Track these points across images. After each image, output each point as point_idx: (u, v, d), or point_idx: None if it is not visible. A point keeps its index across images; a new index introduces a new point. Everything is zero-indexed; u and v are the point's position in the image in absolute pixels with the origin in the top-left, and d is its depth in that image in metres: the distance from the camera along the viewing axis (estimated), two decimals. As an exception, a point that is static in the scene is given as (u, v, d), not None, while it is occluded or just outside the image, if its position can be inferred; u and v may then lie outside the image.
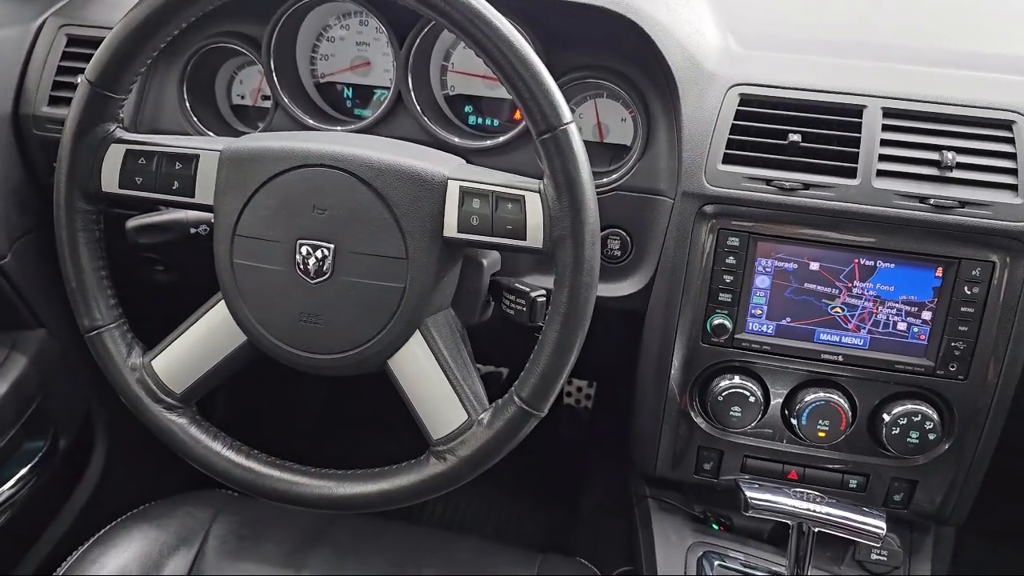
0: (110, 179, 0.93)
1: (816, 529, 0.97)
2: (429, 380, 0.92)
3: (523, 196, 0.85)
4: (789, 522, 0.98)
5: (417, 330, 0.91)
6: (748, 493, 0.99)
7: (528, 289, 0.96)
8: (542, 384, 0.87)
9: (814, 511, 0.96)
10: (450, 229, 0.88)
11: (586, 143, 1.17)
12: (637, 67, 1.10)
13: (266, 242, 0.91)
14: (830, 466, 1.13)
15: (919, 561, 1.18)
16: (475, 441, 0.90)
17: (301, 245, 0.90)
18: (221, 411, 1.83)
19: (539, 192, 0.85)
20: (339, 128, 1.16)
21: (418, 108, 1.13)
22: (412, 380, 0.92)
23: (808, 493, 0.99)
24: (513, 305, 0.97)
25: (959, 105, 1.02)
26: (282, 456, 0.98)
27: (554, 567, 1.17)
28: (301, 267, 0.90)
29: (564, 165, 0.82)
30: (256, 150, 0.91)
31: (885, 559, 1.16)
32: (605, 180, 1.10)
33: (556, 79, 1.09)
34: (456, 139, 1.13)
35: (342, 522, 1.24)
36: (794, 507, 0.96)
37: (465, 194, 0.87)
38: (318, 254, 0.89)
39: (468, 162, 0.98)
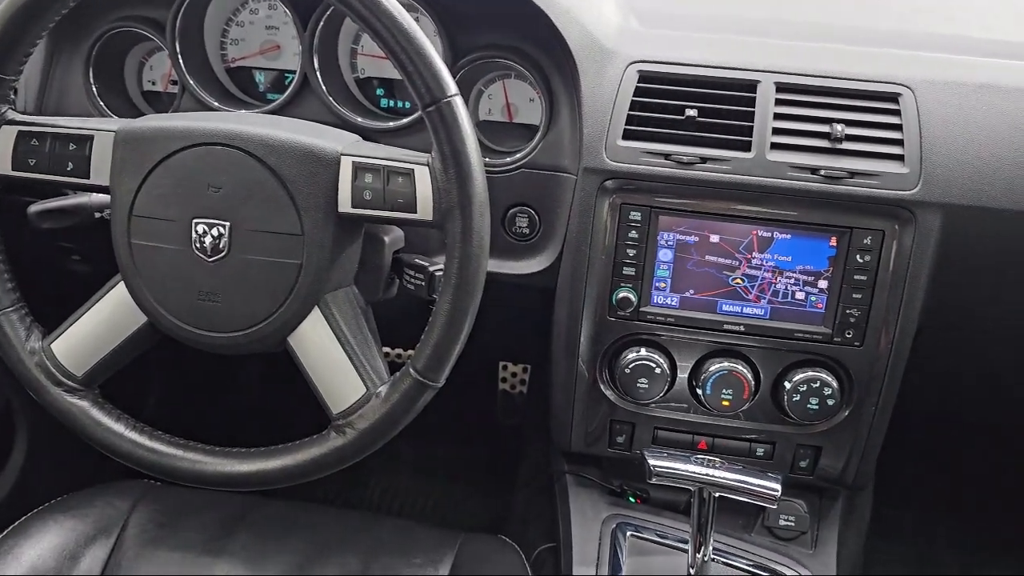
0: (2, 161, 0.93)
1: (716, 494, 1.00)
2: (329, 356, 0.93)
3: (412, 169, 0.86)
4: (691, 487, 1.00)
5: (316, 307, 0.92)
6: (651, 461, 1.01)
7: (427, 263, 0.97)
8: (436, 355, 0.88)
9: (712, 476, 0.98)
10: (344, 204, 0.89)
11: (496, 123, 1.21)
12: (538, 46, 1.11)
13: (162, 221, 0.91)
14: (737, 436, 1.16)
15: (827, 526, 1.22)
16: (373, 414, 0.91)
17: (197, 224, 0.90)
18: (153, 401, 1.81)
19: (427, 165, 0.86)
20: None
21: (324, 90, 1.13)
22: (312, 356, 0.93)
23: (710, 460, 1.01)
24: (413, 280, 0.98)
25: (848, 79, 1.05)
26: (211, 441, 0.98)
27: (474, 545, 1.18)
28: (198, 246, 0.90)
29: (449, 137, 0.83)
30: (151, 130, 0.91)
31: (793, 524, 1.19)
32: (509, 159, 1.12)
33: (458, 60, 1.12)
34: (360, 119, 1.13)
35: (263, 507, 1.24)
36: (693, 472, 0.98)
37: (358, 169, 0.88)
38: (214, 232, 0.90)
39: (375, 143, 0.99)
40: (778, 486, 0.97)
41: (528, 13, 1.07)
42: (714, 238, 1.07)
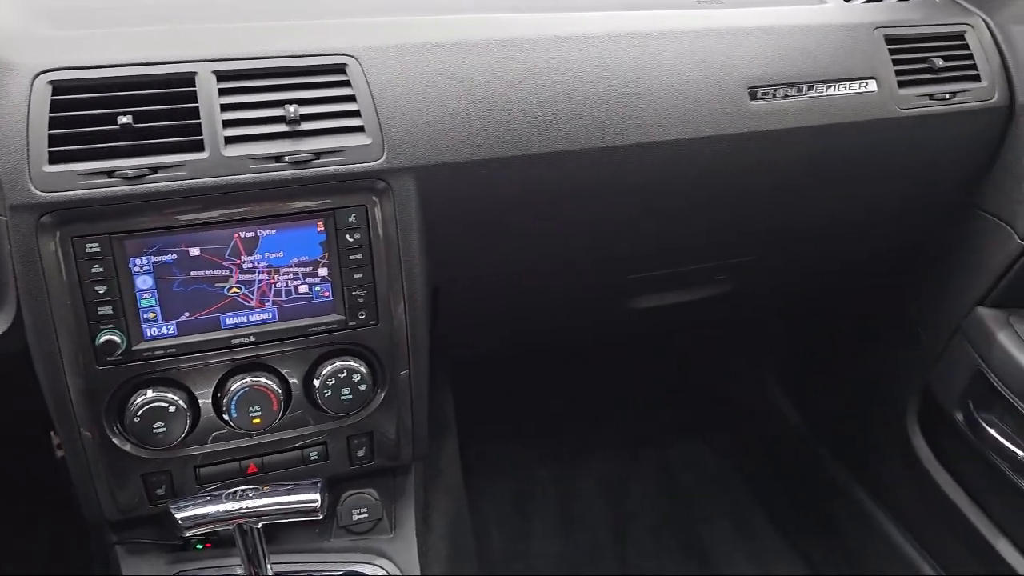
0: None
1: (259, 525, 0.92)
2: None
3: None
4: (229, 528, 0.91)
5: None
6: (178, 515, 0.90)
7: None
8: None
9: (246, 509, 0.90)
10: None
11: None
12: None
13: None
14: (285, 447, 1.09)
15: (403, 504, 1.20)
16: None
17: None
18: None
19: None
20: None
21: None
22: None
23: (244, 491, 0.93)
24: None
25: (291, 56, 1.00)
26: None
27: None
28: None
29: None
30: None
31: (366, 516, 1.15)
32: None
33: None
34: None
35: None
36: (225, 512, 0.90)
37: None
38: None
39: None
40: (317, 495, 0.92)
41: None
42: (194, 251, 0.97)
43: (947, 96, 1.28)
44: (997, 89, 1.31)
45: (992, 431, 1.38)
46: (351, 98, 1.00)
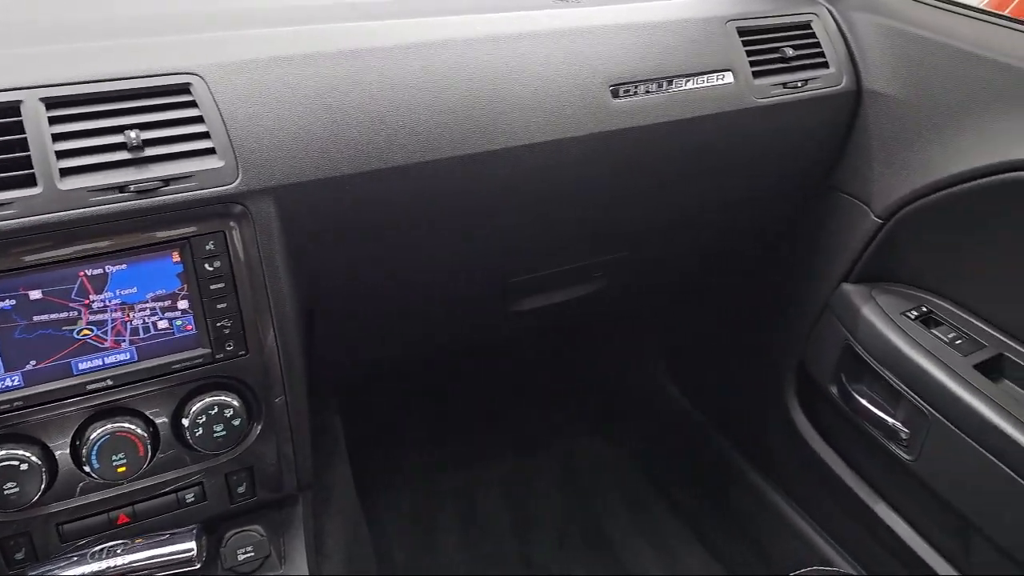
0: None
1: (131, 582, 0.86)
2: None
3: None
4: (96, 589, 0.85)
5: None
6: (36, 583, 0.83)
7: None
8: None
9: (114, 567, 0.84)
10: None
11: None
12: None
13: None
14: (158, 492, 1.02)
15: (293, 534, 1.15)
16: None
17: None
18: None
19: None
20: None
21: None
22: None
23: (110, 548, 0.87)
24: None
25: (128, 78, 0.93)
26: None
27: None
28: None
29: None
30: None
31: (253, 554, 1.10)
32: None
33: None
34: None
35: None
36: (91, 573, 0.84)
37: None
38: None
39: None
40: (192, 543, 0.88)
41: None
42: (35, 295, 0.89)
43: (799, 84, 1.32)
44: (845, 75, 1.36)
45: (864, 401, 1.44)
46: (199, 119, 0.94)
